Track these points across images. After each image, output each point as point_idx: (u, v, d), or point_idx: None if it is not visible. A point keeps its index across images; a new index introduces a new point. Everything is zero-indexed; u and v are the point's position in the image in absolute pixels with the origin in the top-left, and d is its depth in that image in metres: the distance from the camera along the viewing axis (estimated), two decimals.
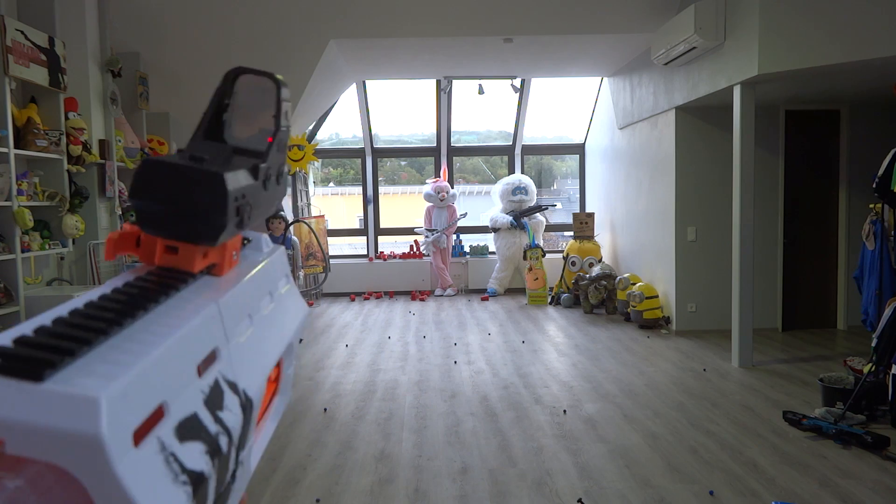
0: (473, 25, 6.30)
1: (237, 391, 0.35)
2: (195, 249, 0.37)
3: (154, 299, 0.32)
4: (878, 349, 4.02)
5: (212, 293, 0.36)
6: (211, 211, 0.35)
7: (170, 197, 0.35)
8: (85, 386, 0.24)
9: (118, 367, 0.26)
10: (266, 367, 0.41)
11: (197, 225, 0.35)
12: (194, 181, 0.35)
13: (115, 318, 0.29)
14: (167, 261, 0.37)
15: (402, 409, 4.34)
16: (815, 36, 4.44)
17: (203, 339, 0.33)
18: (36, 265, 4.89)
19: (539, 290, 8.48)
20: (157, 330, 0.30)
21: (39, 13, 4.98)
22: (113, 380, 0.25)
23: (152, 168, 0.35)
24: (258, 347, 0.40)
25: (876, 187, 4.44)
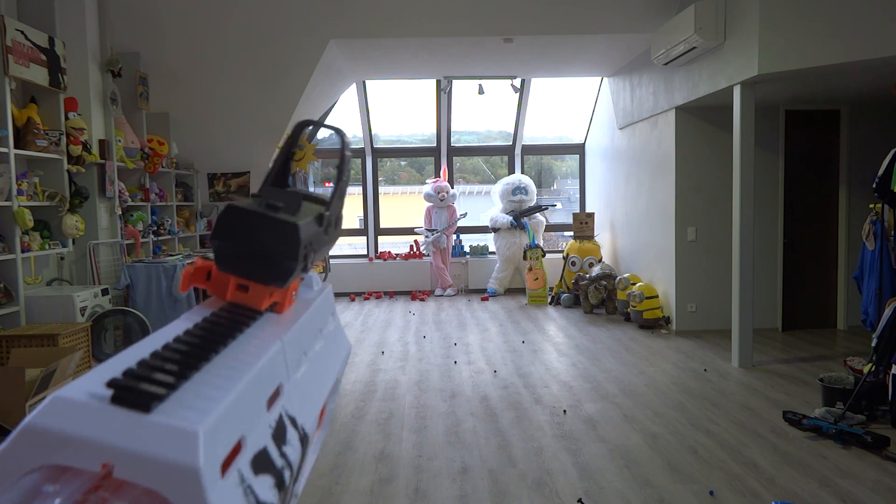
0: (473, 25, 6.30)
1: (297, 426, 0.37)
2: (264, 290, 0.39)
3: (230, 335, 0.35)
4: (878, 349, 4.02)
5: (276, 330, 0.39)
6: (285, 257, 0.38)
7: (248, 241, 0.38)
8: (186, 419, 0.26)
9: (210, 401, 0.27)
10: (318, 402, 0.43)
11: (269, 268, 0.38)
12: (272, 228, 0.38)
13: (201, 352, 0.31)
14: (238, 297, 0.39)
15: (402, 409, 4.34)
16: (815, 36, 4.44)
17: (272, 375, 0.35)
18: (36, 265, 4.89)
19: (539, 290, 8.48)
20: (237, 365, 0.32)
21: (39, 13, 4.98)
22: (208, 413, 0.26)
23: (234, 213, 0.38)
24: (312, 383, 0.42)
25: (876, 187, 4.44)
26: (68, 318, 4.59)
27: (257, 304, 0.39)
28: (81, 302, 4.69)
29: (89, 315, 4.78)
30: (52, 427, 0.25)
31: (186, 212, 7.61)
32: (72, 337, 4.26)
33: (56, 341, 4.07)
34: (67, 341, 4.19)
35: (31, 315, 4.58)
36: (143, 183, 6.42)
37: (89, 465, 0.24)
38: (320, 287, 0.50)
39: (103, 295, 5.02)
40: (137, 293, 5.35)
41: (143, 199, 6.34)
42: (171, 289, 5.35)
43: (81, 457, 0.24)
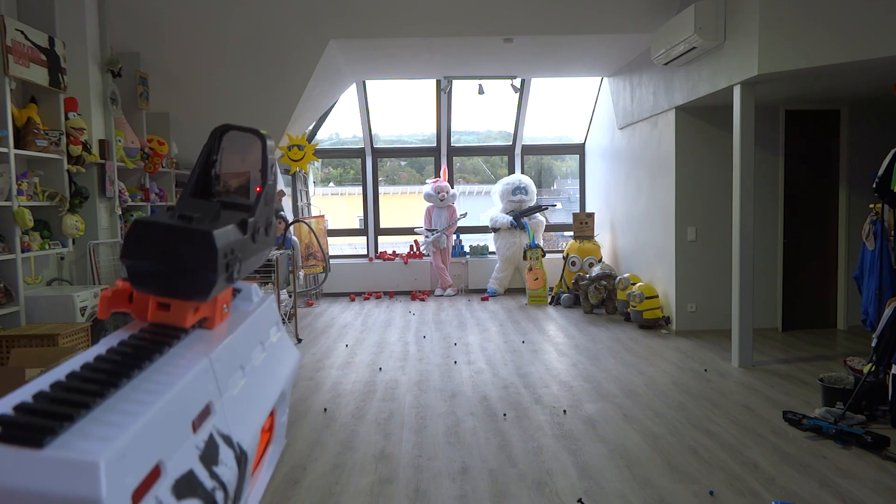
0: (473, 25, 6.30)
1: (231, 444, 0.35)
2: (187, 305, 0.37)
3: (148, 357, 0.33)
4: (878, 349, 4.01)
5: (204, 347, 0.37)
6: (201, 268, 0.36)
7: (160, 256, 0.35)
8: (84, 450, 0.24)
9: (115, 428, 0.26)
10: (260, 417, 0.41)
11: (188, 282, 0.36)
12: (184, 240, 0.36)
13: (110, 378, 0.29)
14: (160, 317, 0.37)
15: (402, 409, 4.34)
16: (815, 36, 4.44)
17: (196, 395, 0.33)
18: (36, 265, 4.89)
19: (539, 290, 8.48)
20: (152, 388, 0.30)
21: (39, 13, 4.98)
22: (111, 442, 0.25)
23: (142, 228, 0.36)
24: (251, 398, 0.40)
25: (876, 187, 4.44)
26: (68, 318, 4.59)
27: (181, 322, 0.37)
28: (81, 302, 4.69)
29: (89, 315, 4.78)
30: None
31: None
32: (72, 337, 4.26)
33: (56, 341, 4.07)
34: (67, 341, 4.19)
35: (31, 315, 4.58)
36: (143, 183, 6.42)
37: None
38: (260, 298, 0.48)
39: None
40: None
41: (143, 199, 6.34)
42: None
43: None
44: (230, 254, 0.38)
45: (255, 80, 6.85)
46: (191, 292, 0.37)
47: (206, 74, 6.79)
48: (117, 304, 0.38)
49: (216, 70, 6.73)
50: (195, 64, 6.67)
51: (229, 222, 0.40)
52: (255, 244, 0.42)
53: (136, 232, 0.36)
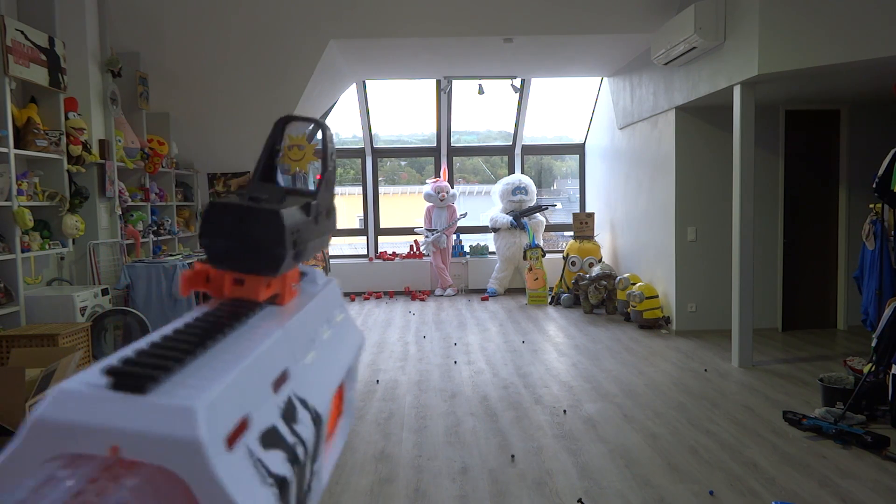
0: (473, 25, 6.30)
1: (307, 407, 0.38)
2: (260, 280, 0.40)
3: (230, 325, 0.36)
4: (878, 349, 4.02)
5: (277, 320, 0.40)
6: (272, 245, 0.39)
7: (234, 234, 0.39)
8: (182, 396, 0.27)
9: (208, 381, 0.29)
10: (331, 386, 0.44)
11: (259, 258, 0.39)
12: (255, 219, 0.39)
13: (199, 341, 0.33)
14: (236, 292, 0.40)
15: (402, 409, 4.34)
16: (815, 36, 4.44)
17: (275, 360, 0.36)
18: (36, 265, 4.89)
19: (539, 290, 8.48)
20: (236, 350, 0.34)
21: (39, 13, 4.98)
22: (205, 391, 0.28)
23: (217, 210, 0.39)
24: (322, 369, 0.44)
25: (876, 187, 4.44)
26: (68, 318, 4.59)
27: (255, 296, 0.40)
28: (81, 302, 4.69)
29: (89, 315, 4.78)
30: (57, 418, 0.26)
31: (186, 212, 7.61)
32: (72, 337, 4.26)
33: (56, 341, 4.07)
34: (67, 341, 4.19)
35: (31, 315, 4.58)
36: (143, 183, 6.42)
37: (98, 450, 0.26)
38: (325, 281, 0.51)
39: (103, 295, 5.02)
40: (137, 293, 5.35)
41: (143, 199, 6.34)
42: (171, 289, 5.35)
43: (89, 443, 0.26)
44: (296, 232, 0.41)
45: (255, 80, 6.86)
46: (262, 268, 0.40)
47: (206, 74, 6.79)
48: (196, 283, 0.41)
49: (216, 70, 6.73)
50: (195, 64, 6.67)
51: (294, 204, 0.43)
52: (317, 226, 0.46)
53: (211, 213, 0.39)
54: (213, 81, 6.85)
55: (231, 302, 0.40)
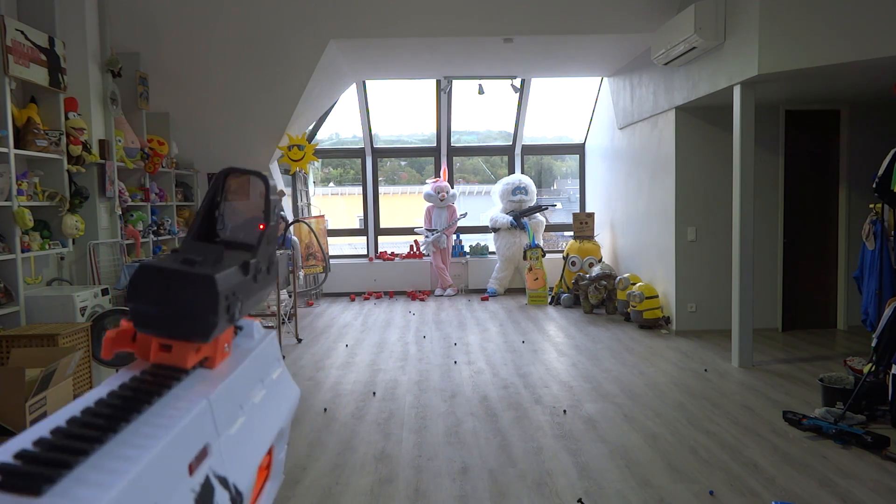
0: (473, 25, 6.30)
1: (227, 486, 0.36)
2: (188, 346, 0.38)
3: (147, 400, 0.34)
4: (878, 349, 4.02)
5: (204, 388, 0.38)
6: (203, 311, 0.37)
7: (164, 299, 0.37)
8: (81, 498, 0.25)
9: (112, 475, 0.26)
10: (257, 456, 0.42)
11: (189, 324, 0.37)
12: (186, 284, 0.37)
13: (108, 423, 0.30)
14: (161, 358, 0.38)
15: (402, 409, 4.34)
16: (815, 36, 4.44)
17: (194, 437, 0.34)
18: (36, 265, 4.89)
19: (539, 290, 8.48)
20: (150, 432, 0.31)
21: (39, 13, 4.98)
22: (108, 490, 0.25)
23: (147, 273, 0.37)
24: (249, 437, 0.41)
25: (876, 187, 4.45)
26: (68, 318, 4.59)
27: (182, 363, 0.38)
28: (81, 302, 4.69)
29: (89, 315, 4.78)
30: None
31: (186, 212, 7.61)
32: (72, 337, 4.26)
33: (56, 341, 4.07)
34: (67, 341, 4.19)
35: (31, 315, 4.58)
36: (143, 183, 6.43)
37: None
38: (261, 335, 0.49)
39: (103, 295, 5.02)
40: None
41: (143, 199, 6.34)
42: None
43: None
44: (231, 296, 0.39)
45: (255, 80, 6.85)
46: (192, 334, 0.38)
47: (206, 74, 6.79)
48: (121, 344, 0.39)
49: (216, 70, 6.73)
50: (195, 64, 6.67)
51: (232, 264, 0.41)
52: (256, 284, 0.43)
53: (140, 276, 0.37)
54: (213, 81, 6.85)
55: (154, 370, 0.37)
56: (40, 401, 3.37)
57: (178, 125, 7.15)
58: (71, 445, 0.28)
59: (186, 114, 7.12)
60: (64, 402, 3.49)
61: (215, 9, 6.05)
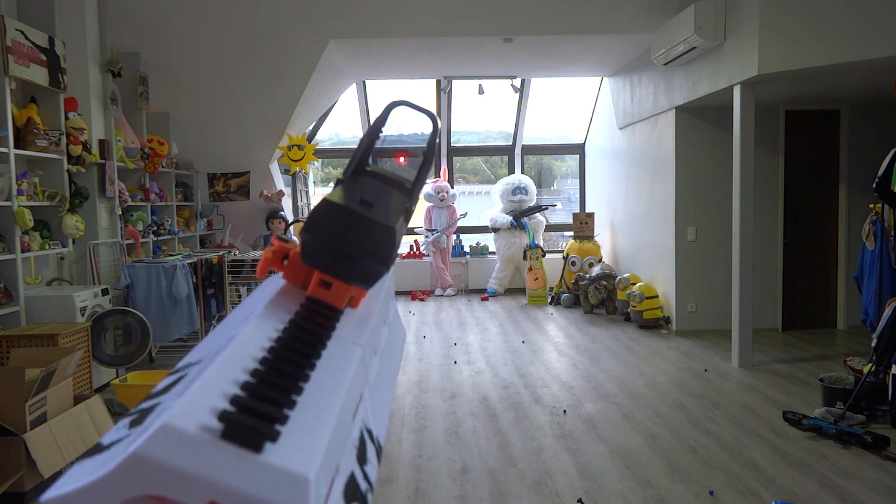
0: (473, 25, 6.30)
1: (373, 439, 0.36)
2: (348, 288, 0.38)
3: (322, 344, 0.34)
4: (878, 349, 4.02)
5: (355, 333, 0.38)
6: (378, 261, 0.37)
7: (342, 239, 0.36)
8: (296, 462, 0.25)
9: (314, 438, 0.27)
10: (388, 403, 0.42)
11: (359, 269, 0.37)
12: (368, 231, 0.37)
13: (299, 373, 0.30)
14: (319, 293, 0.38)
15: (402, 408, 4.34)
16: (815, 36, 4.44)
17: (356, 388, 0.34)
18: (36, 265, 4.89)
19: (539, 290, 8.48)
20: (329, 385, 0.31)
21: (39, 13, 4.98)
22: (315, 455, 0.26)
23: (329, 210, 0.37)
24: (382, 386, 0.41)
25: (876, 187, 4.44)
26: (68, 318, 4.59)
27: (338, 303, 0.38)
28: (81, 302, 4.69)
29: (89, 315, 4.78)
30: (161, 458, 0.24)
31: (186, 212, 7.61)
32: (72, 337, 4.26)
33: (56, 341, 4.07)
34: (67, 341, 4.19)
35: (31, 315, 4.58)
36: (143, 183, 6.42)
37: (195, 501, 0.24)
38: None
39: (103, 295, 5.02)
40: (137, 293, 5.35)
41: (143, 199, 6.34)
42: (171, 289, 5.35)
43: (186, 491, 0.24)
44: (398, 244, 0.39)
45: (255, 80, 6.85)
46: (360, 279, 0.37)
47: (206, 74, 6.79)
48: (275, 264, 0.39)
49: (216, 70, 6.73)
50: (195, 64, 6.67)
51: (398, 211, 0.41)
52: (406, 225, 0.44)
53: (321, 211, 0.37)
54: (213, 81, 6.85)
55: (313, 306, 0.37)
56: (40, 401, 3.37)
57: (178, 125, 7.15)
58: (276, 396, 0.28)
59: (186, 114, 7.12)
60: (64, 402, 3.49)
61: (215, 9, 6.05)
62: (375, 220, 0.37)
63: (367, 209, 0.38)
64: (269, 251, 0.39)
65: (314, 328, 0.35)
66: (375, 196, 0.40)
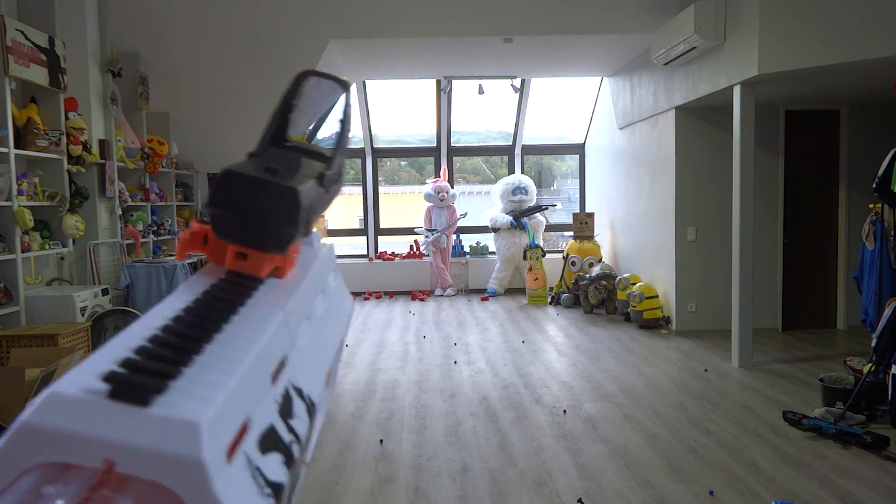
0: (473, 25, 6.30)
1: (303, 396, 0.37)
2: (264, 256, 0.38)
3: (233, 309, 0.34)
4: (877, 349, 4.02)
5: (277, 299, 0.38)
6: (285, 223, 0.37)
7: (246, 207, 0.36)
8: (186, 410, 0.25)
9: (212, 388, 0.27)
10: (324, 367, 0.42)
11: (268, 235, 0.37)
12: (271, 195, 0.37)
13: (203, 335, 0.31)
14: (237, 265, 0.38)
15: (402, 408, 4.34)
16: (815, 36, 4.44)
17: (275, 348, 0.34)
18: (36, 265, 4.89)
19: (539, 290, 8.48)
20: (239, 345, 0.32)
21: (39, 13, 4.98)
22: (209, 403, 0.26)
23: (231, 179, 0.37)
24: (316, 349, 0.42)
25: (876, 187, 4.45)
26: (68, 318, 4.59)
27: (257, 272, 0.38)
28: (81, 302, 4.69)
29: (89, 315, 4.78)
30: (49, 424, 0.24)
31: (186, 212, 7.61)
32: (72, 337, 4.26)
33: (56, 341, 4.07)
34: (67, 341, 4.19)
35: (31, 315, 4.58)
36: (143, 183, 6.43)
37: (90, 462, 0.24)
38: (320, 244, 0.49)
39: (103, 295, 5.02)
40: (137, 293, 5.35)
41: (143, 199, 6.34)
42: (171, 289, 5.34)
43: (81, 454, 0.24)
44: (308, 209, 0.39)
45: (255, 80, 6.85)
46: (270, 244, 0.38)
47: (206, 74, 6.79)
48: (194, 245, 0.39)
49: (216, 70, 6.73)
50: (195, 64, 6.67)
51: (309, 176, 0.40)
52: (328, 195, 0.43)
53: (223, 181, 0.37)
54: (213, 81, 6.85)
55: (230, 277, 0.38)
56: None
57: (178, 125, 7.15)
58: (171, 356, 0.28)
59: (186, 114, 7.12)
60: None
61: (215, 9, 6.05)
62: (274, 182, 0.37)
63: (271, 175, 0.37)
64: (187, 233, 0.39)
65: (227, 296, 0.35)
66: (283, 163, 0.40)
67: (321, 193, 0.42)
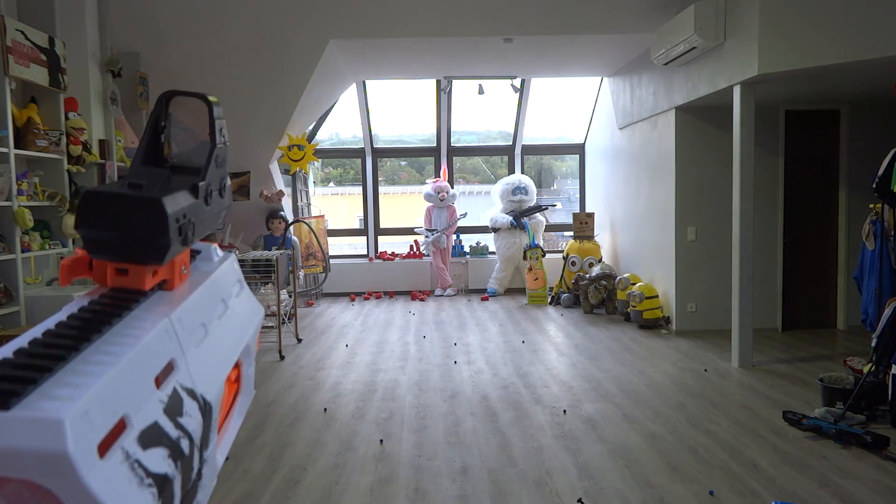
0: (473, 25, 6.30)
1: (195, 397, 0.38)
2: (144, 269, 0.39)
3: (107, 321, 0.35)
4: (877, 349, 4.02)
5: (164, 308, 0.39)
6: (154, 234, 0.37)
7: (112, 225, 0.37)
8: (48, 409, 0.27)
9: (76, 389, 0.28)
10: (223, 371, 0.44)
11: (142, 248, 0.38)
12: (134, 208, 0.37)
13: (71, 343, 0.32)
14: (118, 282, 0.39)
15: (402, 408, 4.34)
16: (815, 36, 4.44)
17: (158, 353, 0.36)
18: (36, 265, 4.89)
19: (539, 290, 8.48)
20: (113, 349, 0.33)
21: (39, 13, 4.98)
22: (73, 401, 0.27)
23: (92, 199, 0.37)
24: (214, 353, 0.43)
25: (876, 187, 4.45)
26: None
27: (140, 285, 0.39)
28: None
29: None
30: None
31: None
32: None
33: None
34: None
35: (31, 315, 4.58)
36: None
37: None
38: (221, 257, 0.50)
39: None
40: None
41: None
42: None
43: None
44: (182, 218, 0.39)
45: (255, 80, 6.85)
46: (146, 257, 0.38)
47: (206, 74, 6.79)
48: (77, 271, 0.40)
49: (216, 70, 6.73)
50: (195, 64, 6.67)
51: (180, 188, 0.41)
52: (208, 206, 0.44)
53: (85, 203, 0.37)
54: (213, 81, 6.85)
55: (113, 293, 0.38)
56: None
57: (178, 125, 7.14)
58: (35, 363, 0.29)
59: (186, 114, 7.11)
60: None
61: (215, 9, 6.05)
62: (135, 195, 0.37)
63: (134, 190, 0.38)
64: (69, 259, 0.40)
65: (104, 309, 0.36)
66: (148, 179, 0.40)
67: (198, 205, 0.42)
